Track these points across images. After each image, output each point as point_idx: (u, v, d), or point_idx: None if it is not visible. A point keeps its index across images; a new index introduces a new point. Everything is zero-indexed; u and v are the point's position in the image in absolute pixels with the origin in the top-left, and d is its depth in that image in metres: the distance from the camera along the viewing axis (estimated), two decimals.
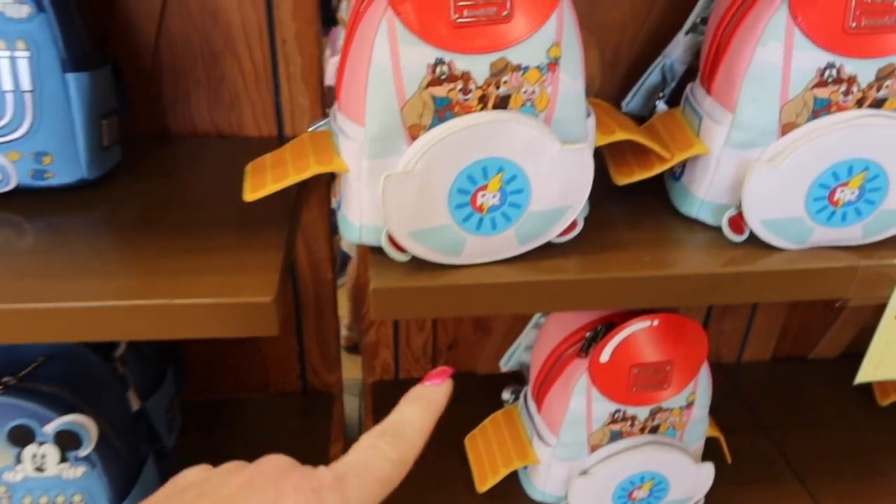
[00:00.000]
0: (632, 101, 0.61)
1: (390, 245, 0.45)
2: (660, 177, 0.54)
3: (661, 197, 0.55)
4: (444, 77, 0.42)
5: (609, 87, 0.67)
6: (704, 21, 0.57)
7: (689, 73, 0.59)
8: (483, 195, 0.44)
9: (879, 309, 0.51)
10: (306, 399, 0.83)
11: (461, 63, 0.41)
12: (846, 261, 0.49)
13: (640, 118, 0.58)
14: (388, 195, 0.42)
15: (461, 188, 0.43)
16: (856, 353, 0.55)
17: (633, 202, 0.55)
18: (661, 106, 0.57)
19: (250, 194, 0.45)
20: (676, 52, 0.57)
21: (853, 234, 0.49)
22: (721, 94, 0.48)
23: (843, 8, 0.43)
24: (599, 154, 0.51)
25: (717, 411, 0.67)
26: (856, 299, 0.50)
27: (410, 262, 0.46)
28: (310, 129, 0.50)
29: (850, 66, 0.45)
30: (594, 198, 0.51)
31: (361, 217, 0.46)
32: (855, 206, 0.48)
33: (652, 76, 0.59)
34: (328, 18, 1.36)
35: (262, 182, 0.46)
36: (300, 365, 0.82)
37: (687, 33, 0.57)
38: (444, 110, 0.42)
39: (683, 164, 0.52)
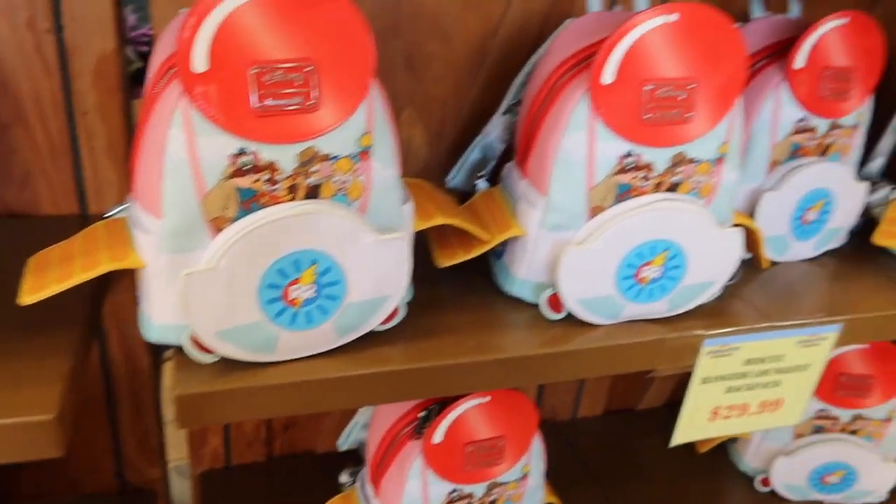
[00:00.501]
0: (455, 178, 0.61)
1: (194, 347, 0.41)
2: (485, 254, 0.55)
3: (485, 274, 0.56)
4: (248, 167, 0.39)
5: (435, 161, 0.68)
6: (520, 103, 0.59)
7: (509, 151, 0.60)
8: (296, 289, 0.42)
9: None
10: (124, 499, 0.75)
11: (267, 153, 0.39)
12: (655, 334, 0.51)
13: (465, 194, 0.59)
14: (191, 294, 0.39)
15: (272, 283, 0.41)
16: (678, 401, 0.57)
17: (458, 281, 0.55)
18: (481, 184, 0.57)
19: (28, 296, 0.40)
20: (495, 131, 0.59)
21: (660, 308, 0.52)
22: (534, 178, 0.50)
23: (637, 101, 0.46)
24: (423, 233, 0.51)
25: (553, 470, 0.68)
26: (665, 369, 0.52)
27: (219, 361, 0.43)
28: (107, 216, 0.46)
29: (648, 155, 0.47)
30: (420, 278, 0.50)
31: (163, 315, 0.42)
32: (660, 283, 0.50)
33: (473, 154, 0.60)
34: None
35: (43, 282, 0.40)
36: (116, 461, 0.74)
37: (504, 113, 0.59)
38: (249, 201, 0.40)
39: (505, 244, 0.53)
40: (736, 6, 0.70)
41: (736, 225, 0.53)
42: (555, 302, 0.50)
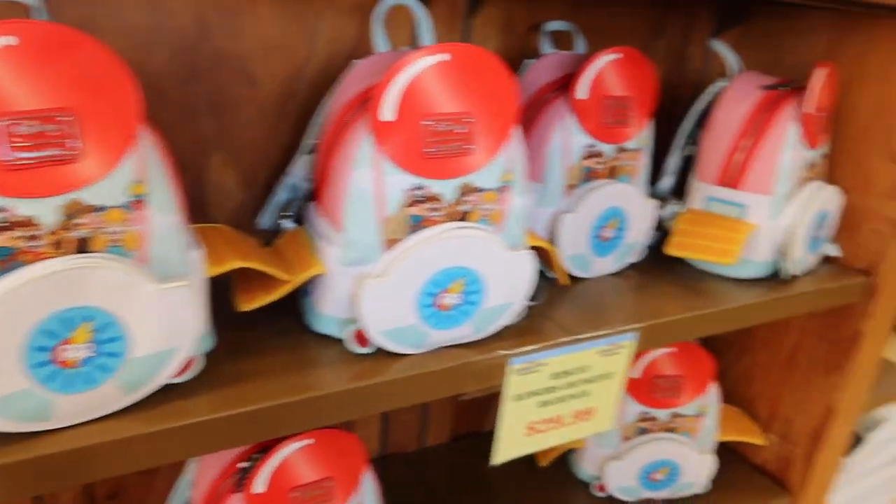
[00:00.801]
0: (264, 219, 0.61)
1: None
2: (296, 295, 0.55)
3: (297, 316, 0.56)
4: (3, 225, 0.37)
5: (249, 203, 0.67)
6: None
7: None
8: (68, 349, 0.39)
9: None
10: None
11: (23, 208, 0.37)
12: (462, 358, 0.53)
13: (276, 235, 0.59)
14: None
15: (38, 346, 0.38)
16: None
17: (269, 323, 0.55)
18: (287, 224, 0.57)
19: None
20: (300, 171, 0.59)
21: (465, 332, 0.54)
22: (330, 215, 0.50)
23: (418, 136, 0.48)
24: (230, 279, 0.50)
25: (399, 503, 0.68)
26: (476, 391, 0.54)
27: None
28: None
29: (435, 186, 0.49)
30: (228, 324, 0.49)
31: None
32: (461, 309, 0.52)
33: (280, 194, 0.60)
34: None
35: None
36: None
37: (308, 153, 0.59)
38: (8, 260, 0.38)
39: (311, 283, 0.53)
40: (528, 43, 0.75)
41: (532, 247, 0.56)
42: (360, 336, 0.51)
